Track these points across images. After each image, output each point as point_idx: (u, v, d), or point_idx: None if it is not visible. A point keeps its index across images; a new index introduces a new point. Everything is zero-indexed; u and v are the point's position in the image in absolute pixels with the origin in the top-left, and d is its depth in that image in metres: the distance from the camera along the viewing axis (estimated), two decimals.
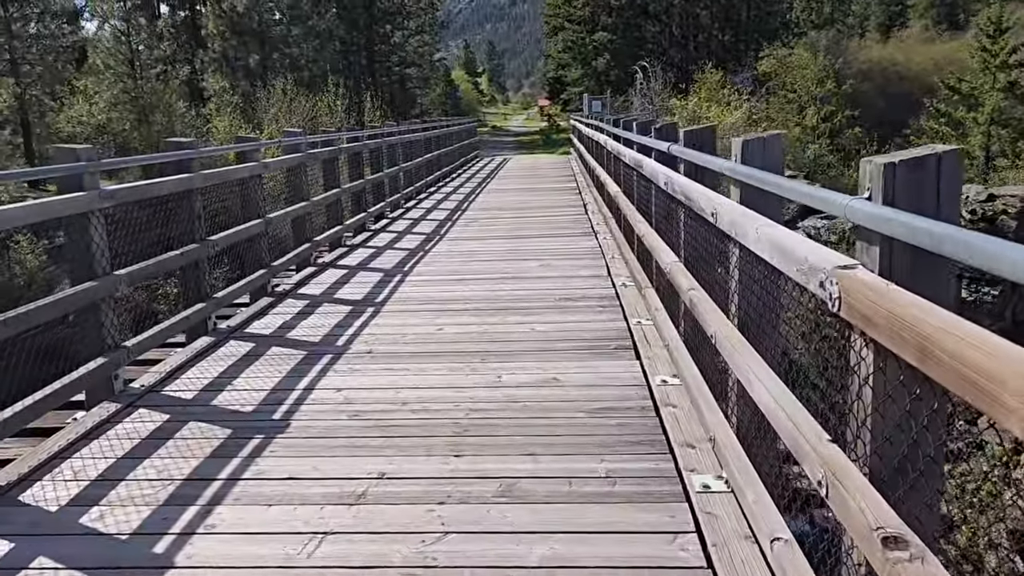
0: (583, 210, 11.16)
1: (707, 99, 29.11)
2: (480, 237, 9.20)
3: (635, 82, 43.23)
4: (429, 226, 10.25)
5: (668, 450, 3.26)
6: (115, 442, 3.54)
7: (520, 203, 12.63)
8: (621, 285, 6.24)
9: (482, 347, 4.81)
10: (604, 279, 6.60)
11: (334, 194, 8.45)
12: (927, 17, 64.28)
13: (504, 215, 11.19)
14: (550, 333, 5.05)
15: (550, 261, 7.47)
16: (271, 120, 22.78)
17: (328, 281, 6.98)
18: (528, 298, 6.05)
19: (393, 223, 10.67)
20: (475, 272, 7.15)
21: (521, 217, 10.79)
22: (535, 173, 19.30)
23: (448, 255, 8.11)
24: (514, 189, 15.06)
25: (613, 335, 4.96)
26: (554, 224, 9.91)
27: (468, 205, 12.56)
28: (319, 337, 5.16)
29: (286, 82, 25.86)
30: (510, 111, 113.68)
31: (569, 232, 9.22)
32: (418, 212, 11.81)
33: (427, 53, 58.74)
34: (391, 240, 9.24)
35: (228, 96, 28.54)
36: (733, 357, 2.60)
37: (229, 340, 5.15)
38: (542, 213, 11.09)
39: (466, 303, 5.97)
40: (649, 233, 4.97)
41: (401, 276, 7.05)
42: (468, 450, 3.34)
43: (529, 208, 11.84)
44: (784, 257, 2.05)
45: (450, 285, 6.65)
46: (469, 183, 16.73)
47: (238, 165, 6.12)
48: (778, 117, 24.58)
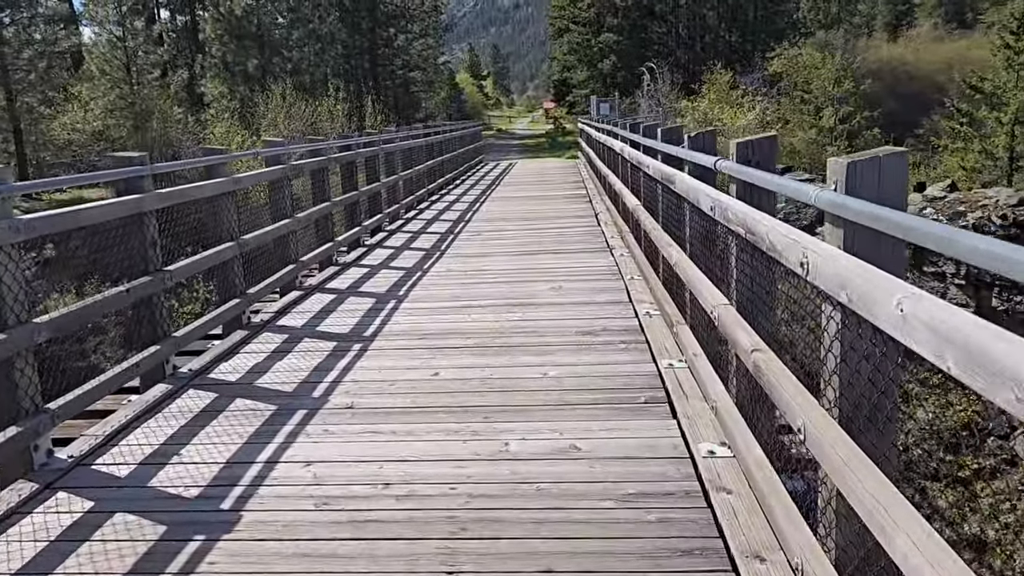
0: (595, 221, 10.36)
1: (718, 100, 28.32)
2: (484, 253, 8.41)
3: (642, 84, 42.51)
4: (429, 240, 9.46)
5: (730, 566, 2.47)
6: (14, 546, 2.77)
7: (527, 213, 11.84)
8: (645, 314, 5.45)
9: (485, 400, 4.02)
10: (625, 306, 5.80)
11: (321, 209, 7.67)
12: (935, 16, 63.48)
13: (510, 227, 10.40)
14: (566, 380, 4.26)
15: (562, 283, 6.68)
16: (268, 126, 22.07)
17: (313, 309, 6.20)
18: (539, 331, 5.26)
19: (390, 237, 9.89)
20: (478, 297, 6.36)
21: (529, 229, 9.99)
22: (542, 179, 18.50)
23: (448, 275, 7.33)
24: (520, 197, 14.26)
25: (641, 382, 4.16)
26: (565, 238, 9.11)
27: (472, 215, 11.77)
28: (293, 386, 4.37)
29: (285, 87, 25.19)
30: (515, 114, 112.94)
31: (582, 247, 8.42)
32: (418, 224, 11.03)
33: (431, 56, 58.11)
34: (387, 257, 8.46)
35: (227, 101, 27.92)
36: (843, 475, 1.79)
37: (188, 389, 4.37)
38: (551, 225, 10.29)
39: (467, 338, 5.18)
40: (684, 262, 4.18)
41: (395, 303, 6.26)
42: (466, 563, 2.55)
43: (537, 219, 11.04)
44: (959, 353, 1.27)
45: (449, 314, 5.86)
46: (473, 190, 15.94)
47: (205, 181, 5.34)
48: (793, 118, 23.74)
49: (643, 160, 6.04)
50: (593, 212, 11.29)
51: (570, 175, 19.12)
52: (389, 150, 11.23)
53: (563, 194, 14.37)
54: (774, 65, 33.29)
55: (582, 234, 9.31)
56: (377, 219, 10.01)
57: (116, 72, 27.23)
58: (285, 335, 5.45)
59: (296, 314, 6.06)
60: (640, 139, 6.66)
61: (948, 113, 24.98)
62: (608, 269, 7.20)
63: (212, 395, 4.27)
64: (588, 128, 18.06)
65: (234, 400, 4.15)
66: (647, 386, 4.10)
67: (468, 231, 10.11)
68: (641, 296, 6.00)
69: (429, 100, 59.21)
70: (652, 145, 5.74)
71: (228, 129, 21.90)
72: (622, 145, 8.29)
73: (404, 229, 10.57)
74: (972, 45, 52.53)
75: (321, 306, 6.29)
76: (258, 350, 5.09)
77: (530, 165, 25.73)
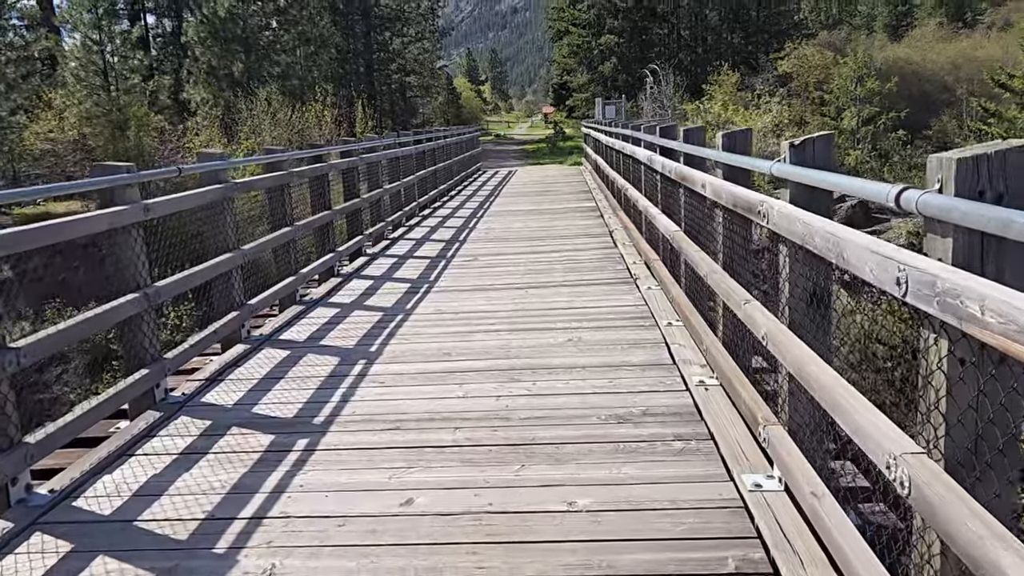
0: (610, 240, 8.91)
1: (730, 102, 26.92)
2: (481, 287, 6.93)
3: (644, 86, 41.14)
4: (416, 268, 7.99)
5: None
6: None
7: (531, 231, 10.36)
8: (699, 385, 3.99)
9: (479, 560, 2.56)
10: (668, 370, 4.34)
11: (279, 237, 6.20)
12: (937, 15, 62.68)
13: (511, 249, 8.93)
14: (603, 518, 2.79)
15: (581, 333, 5.21)
16: (249, 134, 20.63)
17: (241, 387, 4.67)
18: (554, 416, 3.80)
19: (371, 263, 8.42)
20: (473, 355, 4.89)
21: (534, 253, 8.52)
22: (545, 189, 16.94)
23: (435, 321, 5.84)
24: (522, 211, 12.68)
25: (718, 524, 2.70)
26: (578, 264, 7.64)
27: (467, 234, 10.32)
28: (197, 523, 2.90)
29: (270, 92, 23.76)
30: (514, 119, 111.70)
31: (600, 278, 6.95)
32: (405, 245, 9.56)
33: (427, 61, 56.83)
34: (363, 293, 6.99)
35: (209, 108, 26.51)
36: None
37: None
38: (560, 247, 8.83)
39: (457, 430, 3.70)
40: (788, 342, 2.71)
41: (363, 366, 4.76)
42: None
43: (543, 239, 9.56)
44: None
45: (432, 387, 4.37)
46: (470, 203, 14.45)
47: (100, 211, 3.89)
48: (813, 120, 22.27)
49: (692, 176, 4.56)
50: (606, 228, 9.84)
51: (575, 184, 17.61)
52: (372, 160, 9.78)
53: (570, 207, 12.89)
54: (784, 65, 31.90)
55: (598, 258, 7.85)
56: (357, 242, 8.55)
57: (93, 78, 25.82)
58: (207, 422, 3.95)
59: (225, 388, 4.55)
60: (681, 147, 5.19)
61: (975, 113, 23.50)
62: (636, 310, 5.73)
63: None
64: (595, 133, 16.57)
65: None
66: (728, 533, 2.64)
67: (463, 255, 8.64)
68: (687, 354, 4.55)
69: (426, 105, 58.00)
70: (710, 157, 4.26)
71: (208, 138, 20.42)
72: (650, 154, 6.82)
73: (389, 252, 9.10)
74: (976, 44, 51.38)
75: (264, 372, 4.78)
76: (162, 453, 3.60)
77: (531, 172, 24.20)
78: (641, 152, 7.41)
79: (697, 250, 4.51)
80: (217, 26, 26.20)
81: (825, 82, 30.13)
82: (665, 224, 5.72)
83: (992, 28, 59.11)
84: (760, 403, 3.30)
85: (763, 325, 2.95)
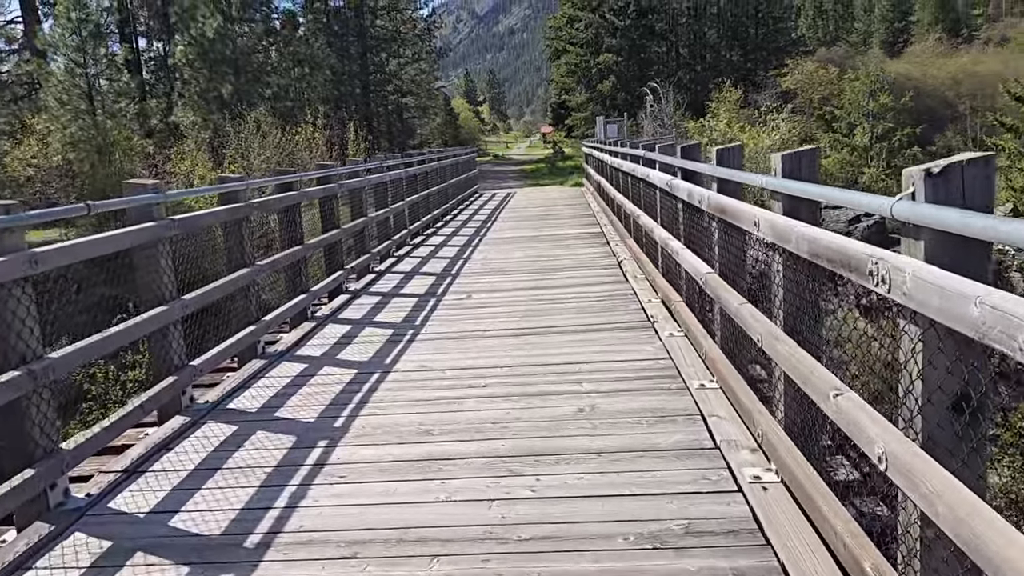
0: (619, 272, 7.98)
1: (736, 120, 26.15)
2: (474, 333, 5.97)
3: (644, 104, 40.47)
4: (402, 308, 7.04)
5: None
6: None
7: (531, 261, 9.42)
8: (753, 482, 3.04)
9: None
10: (709, 458, 3.38)
11: (236, 280, 5.26)
12: (934, 31, 62.59)
13: (509, 284, 7.97)
14: None
15: (595, 399, 4.24)
16: (236, 158, 19.78)
17: (164, 483, 3.66)
18: (568, 537, 2.81)
19: (352, 302, 7.47)
20: (461, 433, 3.92)
21: (535, 288, 7.55)
22: (546, 212, 15.94)
23: (418, 383, 4.85)
24: (522, 239, 11.60)
25: None
26: (586, 304, 6.68)
27: (461, 266, 9.39)
28: None
29: (259, 114, 22.94)
30: (512, 139, 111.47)
31: (612, 322, 5.98)
32: (391, 281, 8.61)
33: (424, 81, 56.36)
34: (338, 342, 6.02)
35: (198, 131, 25.73)
36: None
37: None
38: (564, 280, 7.89)
39: (435, 560, 2.72)
40: (926, 469, 1.76)
41: (321, 451, 3.76)
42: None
43: (544, 271, 8.61)
44: None
45: (409, 483, 3.37)
46: (466, 228, 13.51)
47: None
48: (824, 138, 21.39)
49: (738, 211, 3.60)
50: (614, 258, 8.90)
51: (577, 206, 16.61)
52: (354, 186, 8.87)
53: (573, 232, 11.93)
54: (787, 81, 31.17)
55: (608, 295, 6.90)
56: (335, 279, 7.60)
57: (78, 102, 25.05)
58: (122, 525, 2.99)
59: (149, 481, 3.59)
60: (713, 170, 4.25)
61: (987, 128, 22.65)
62: (659, 365, 4.77)
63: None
64: (598, 153, 15.68)
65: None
66: None
67: (455, 291, 7.69)
68: (730, 431, 3.59)
69: (424, 126, 57.47)
70: (762, 185, 3.32)
71: (194, 162, 19.53)
72: (668, 178, 5.88)
73: (373, 288, 8.15)
74: (976, 60, 50.99)
75: (204, 454, 3.83)
76: None
77: (531, 194, 23.28)
78: (657, 175, 6.48)
79: (742, 302, 3.56)
80: (206, 47, 25.46)
81: (830, 98, 29.37)
82: (692, 263, 4.78)
83: (989, 43, 58.90)
84: (856, 532, 2.32)
85: (878, 439, 1.99)
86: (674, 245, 5.54)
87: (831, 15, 69.49)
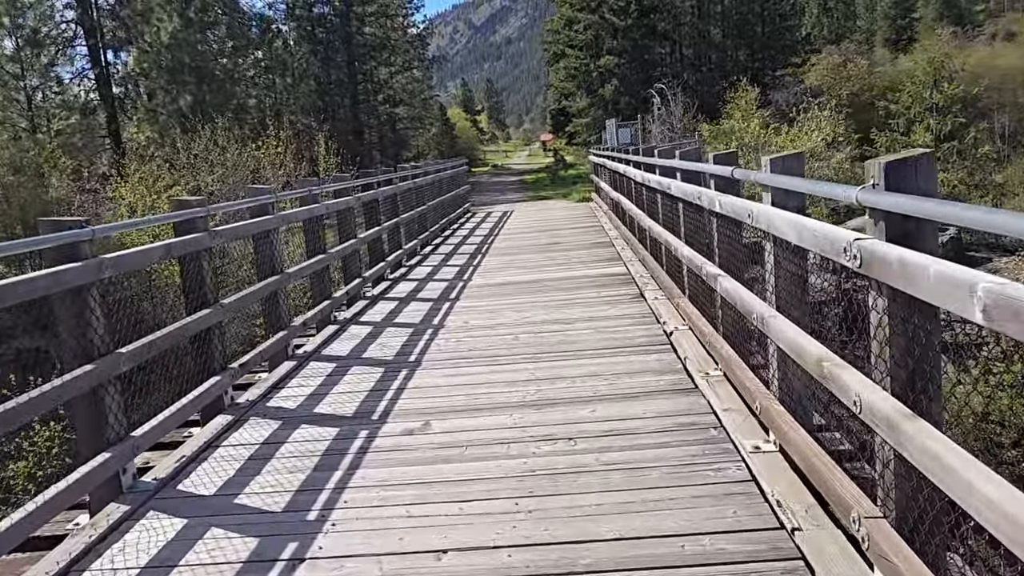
0: (674, 357, 4.98)
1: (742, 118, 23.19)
2: (455, 443, 3.21)
3: (651, 107, 37.63)
4: (355, 393, 4.16)
5: None
6: None
7: (530, 334, 6.14)
8: None
9: None
10: None
11: None
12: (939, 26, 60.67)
13: (500, 376, 5.01)
14: None
15: None
16: (186, 176, 16.86)
17: None
18: None
19: (296, 373, 4.63)
20: None
21: (537, 407, 4.42)
22: (550, 241, 12.24)
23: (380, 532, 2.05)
24: (517, 287, 8.26)
25: None
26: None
27: (442, 320, 6.50)
28: None
29: (220, 127, 19.97)
30: (511, 147, 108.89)
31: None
32: (348, 344, 5.72)
33: (417, 91, 53.71)
34: (264, 442, 3.19)
35: (155, 148, 22.82)
36: None
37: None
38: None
39: None
40: None
41: None
42: None
43: (551, 357, 5.45)
44: None
45: None
46: (444, 271, 10.29)
47: None
48: (880, 138, 18.35)
49: None
50: (659, 324, 5.91)
51: (589, 231, 13.16)
52: (296, 217, 5.90)
53: (589, 275, 8.46)
54: (811, 77, 28.22)
55: (671, 430, 3.89)
56: (277, 342, 4.67)
57: (18, 120, 22.19)
58: None
59: None
60: None
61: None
62: None
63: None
64: (613, 164, 12.66)
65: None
66: None
67: (430, 364, 4.72)
68: None
69: (418, 137, 54.81)
70: None
71: (134, 188, 16.54)
72: (797, 218, 2.88)
73: (327, 352, 5.34)
74: (996, 54, 48.32)
75: None
76: None
77: (531, 212, 20.04)
78: (742, 205, 3.46)
79: None
80: (162, 54, 22.57)
81: (859, 93, 26.39)
82: (870, 395, 1.83)
83: (995, 38, 56.43)
84: None
85: None
86: (795, 333, 2.56)
87: (835, 12, 67.20)
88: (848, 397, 2.32)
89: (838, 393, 2.45)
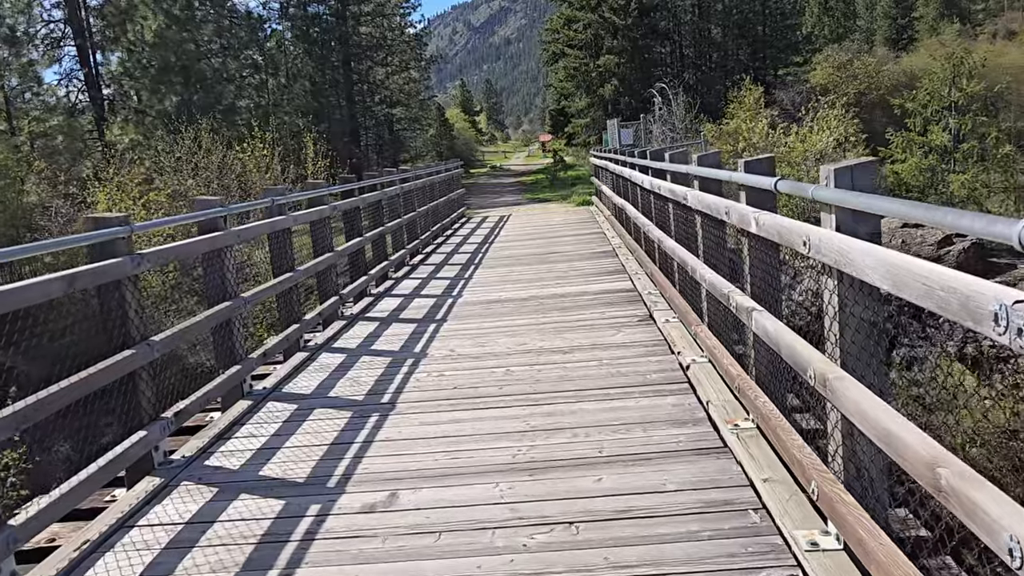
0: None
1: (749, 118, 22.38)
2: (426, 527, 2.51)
3: (653, 107, 36.84)
4: (312, 448, 3.53)
5: None
6: None
7: (530, 339, 5.60)
8: None
9: None
10: None
11: None
12: (940, 25, 60.24)
13: (495, 390, 4.34)
14: None
15: None
16: (162, 179, 16.05)
17: None
18: None
19: (249, 418, 4.03)
20: None
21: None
22: (548, 250, 11.34)
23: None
24: (511, 306, 7.41)
25: None
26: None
27: (425, 347, 5.71)
28: None
29: (205, 128, 19.14)
30: (510, 148, 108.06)
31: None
32: (316, 378, 4.97)
33: (414, 92, 52.91)
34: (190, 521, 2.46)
35: (139, 151, 22.02)
36: None
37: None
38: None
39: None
40: None
41: None
42: None
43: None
44: None
45: None
46: (439, 279, 9.57)
47: None
48: (896, 138, 17.55)
49: None
50: (665, 342, 5.12)
51: (591, 239, 12.26)
52: (255, 233, 5.11)
53: (591, 292, 7.62)
54: (817, 76, 27.41)
55: (701, 510, 3.10)
56: (227, 380, 3.91)
57: None
58: None
59: None
60: None
61: None
62: None
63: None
64: (616, 167, 11.84)
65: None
66: None
67: (407, 406, 3.99)
68: None
69: (416, 138, 54.06)
70: None
71: (110, 194, 15.69)
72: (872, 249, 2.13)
73: (288, 389, 4.52)
74: (999, 52, 47.63)
75: None
76: None
77: (529, 218, 19.20)
78: (803, 231, 2.68)
79: None
80: (146, 53, 21.76)
81: (866, 92, 25.58)
82: None
83: (996, 36, 55.81)
84: None
85: None
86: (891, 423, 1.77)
87: (835, 11, 66.62)
88: (998, 543, 1.50)
89: (971, 523, 1.63)
